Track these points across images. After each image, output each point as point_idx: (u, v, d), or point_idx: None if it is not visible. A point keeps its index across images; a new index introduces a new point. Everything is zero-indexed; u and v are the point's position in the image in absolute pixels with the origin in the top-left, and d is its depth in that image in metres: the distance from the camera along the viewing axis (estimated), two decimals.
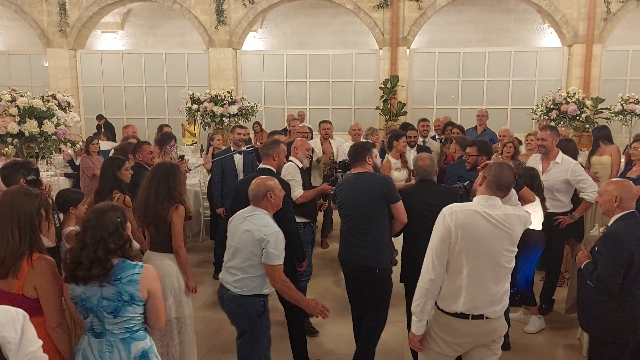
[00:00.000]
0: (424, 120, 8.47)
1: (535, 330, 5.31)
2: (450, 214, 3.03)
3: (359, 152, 4.44)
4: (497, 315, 3.10)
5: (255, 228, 3.54)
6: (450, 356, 3.21)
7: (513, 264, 3.13)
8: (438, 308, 3.13)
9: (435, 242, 3.07)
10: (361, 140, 7.75)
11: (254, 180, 3.77)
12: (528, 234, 5.01)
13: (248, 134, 7.15)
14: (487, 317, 3.05)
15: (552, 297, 5.74)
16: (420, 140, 7.92)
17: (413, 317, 3.17)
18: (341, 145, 7.76)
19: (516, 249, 3.12)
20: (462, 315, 3.04)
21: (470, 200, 3.35)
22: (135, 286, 2.70)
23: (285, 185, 4.44)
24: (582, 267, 3.66)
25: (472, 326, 3.06)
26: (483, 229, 2.99)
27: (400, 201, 4.14)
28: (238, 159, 6.72)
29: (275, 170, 4.50)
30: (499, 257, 3.03)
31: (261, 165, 4.54)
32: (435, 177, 4.66)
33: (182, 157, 6.90)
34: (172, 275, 4.01)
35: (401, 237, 4.46)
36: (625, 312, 3.46)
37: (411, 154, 7.15)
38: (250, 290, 3.61)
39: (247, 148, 6.72)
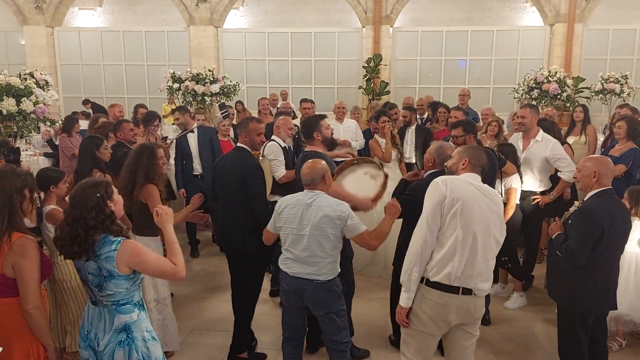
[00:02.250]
0: (392, 107, 8.24)
1: (516, 307, 5.40)
2: (443, 181, 3.14)
3: (306, 129, 4.44)
4: (483, 294, 3.18)
5: (330, 209, 3.48)
6: (435, 335, 3.24)
7: (503, 237, 3.20)
8: (427, 284, 3.15)
9: (428, 208, 3.12)
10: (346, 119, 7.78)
11: (306, 165, 3.67)
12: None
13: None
14: (474, 294, 3.11)
15: (531, 273, 5.85)
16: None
17: (402, 289, 3.21)
18: None
19: (504, 223, 3.23)
20: (452, 289, 3.08)
21: None
22: (111, 263, 2.69)
23: (259, 169, 4.33)
24: (553, 237, 3.76)
25: (461, 301, 3.10)
26: (476, 197, 3.10)
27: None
28: (192, 139, 6.69)
29: (249, 149, 4.39)
30: (491, 227, 3.11)
31: (237, 144, 4.46)
32: None
33: (165, 138, 6.83)
34: None
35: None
36: (590, 284, 3.57)
37: (409, 134, 7.18)
38: (335, 271, 3.60)
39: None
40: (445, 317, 3.15)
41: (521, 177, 5.28)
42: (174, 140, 6.65)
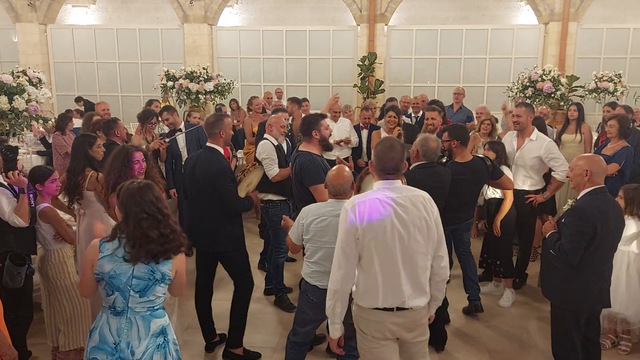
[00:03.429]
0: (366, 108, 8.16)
1: (510, 304, 5.42)
2: (352, 207, 2.81)
3: (305, 126, 4.43)
4: (421, 307, 2.95)
5: None
6: (386, 344, 2.98)
7: (432, 241, 2.89)
8: (359, 305, 2.97)
9: (341, 240, 2.83)
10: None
11: (332, 175, 3.47)
12: None
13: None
14: (411, 308, 2.90)
15: (525, 271, 5.87)
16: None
17: (328, 321, 2.99)
18: None
19: (437, 229, 2.92)
20: (386, 309, 2.88)
21: None
22: (168, 265, 2.74)
23: (228, 171, 4.24)
24: (546, 236, 3.76)
25: (397, 317, 2.90)
26: (389, 217, 2.77)
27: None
28: (180, 138, 6.68)
29: (222, 149, 4.27)
30: (412, 245, 2.82)
31: (207, 144, 4.28)
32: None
33: (162, 135, 6.79)
34: None
35: None
36: (583, 282, 3.58)
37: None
38: None
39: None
40: (384, 332, 2.93)
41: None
42: (170, 141, 6.64)
